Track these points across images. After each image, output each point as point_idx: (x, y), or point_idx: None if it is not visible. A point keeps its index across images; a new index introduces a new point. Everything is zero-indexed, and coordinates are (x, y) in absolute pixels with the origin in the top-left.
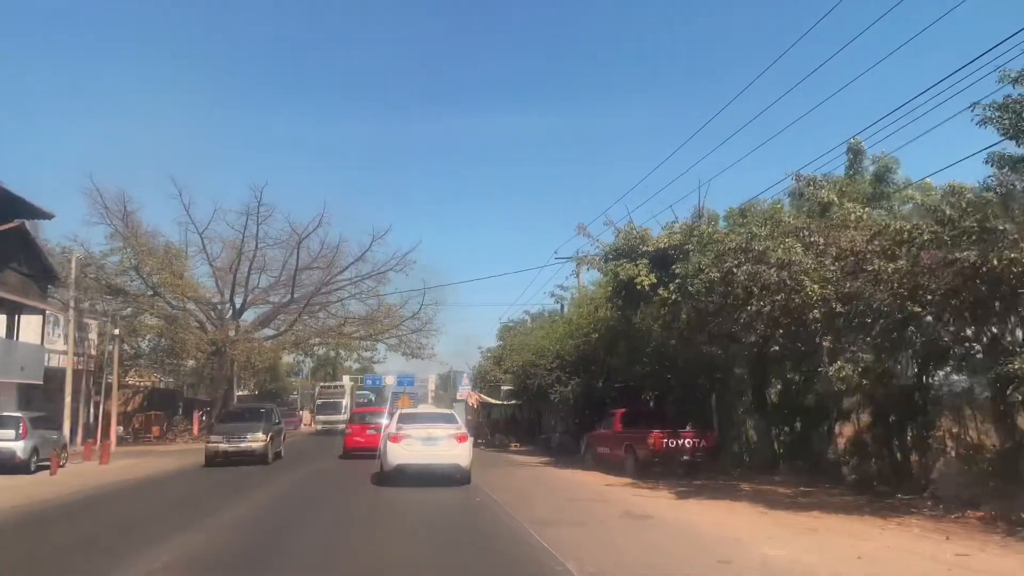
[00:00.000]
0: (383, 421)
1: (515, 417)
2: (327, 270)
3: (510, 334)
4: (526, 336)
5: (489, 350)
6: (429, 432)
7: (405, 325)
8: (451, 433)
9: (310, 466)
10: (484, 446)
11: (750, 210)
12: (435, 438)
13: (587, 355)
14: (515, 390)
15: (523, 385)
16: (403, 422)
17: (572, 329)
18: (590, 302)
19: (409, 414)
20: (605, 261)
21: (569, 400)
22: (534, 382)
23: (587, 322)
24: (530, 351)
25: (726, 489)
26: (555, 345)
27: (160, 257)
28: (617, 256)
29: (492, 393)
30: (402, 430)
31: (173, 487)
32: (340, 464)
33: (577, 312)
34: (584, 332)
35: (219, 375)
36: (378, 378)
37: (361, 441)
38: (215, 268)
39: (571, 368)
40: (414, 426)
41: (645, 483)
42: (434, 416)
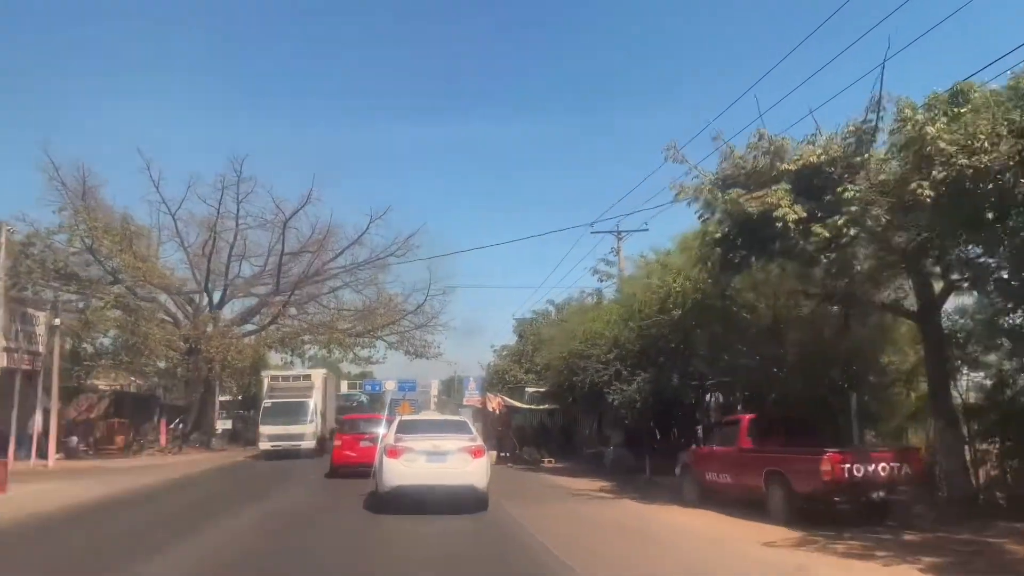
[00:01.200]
0: (380, 430)
1: (544, 425)
2: (317, 254)
3: (531, 328)
4: (563, 324)
5: (505, 347)
6: (436, 444)
7: (408, 320)
8: (463, 446)
9: (270, 501)
10: (510, 462)
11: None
12: (443, 452)
13: (656, 343)
14: (553, 391)
15: (567, 384)
16: (403, 432)
17: (632, 309)
18: (661, 271)
19: (411, 421)
20: (720, 189)
21: (635, 403)
22: (583, 379)
23: (656, 297)
24: (576, 339)
25: (995, 556)
26: (611, 330)
27: (117, 235)
28: (728, 186)
29: (512, 396)
30: (402, 442)
31: (52, 539)
32: (321, 491)
33: (642, 286)
34: (652, 311)
35: (194, 377)
36: (377, 383)
37: (352, 456)
38: (189, 254)
39: (633, 360)
40: (417, 437)
41: (819, 536)
42: (442, 424)
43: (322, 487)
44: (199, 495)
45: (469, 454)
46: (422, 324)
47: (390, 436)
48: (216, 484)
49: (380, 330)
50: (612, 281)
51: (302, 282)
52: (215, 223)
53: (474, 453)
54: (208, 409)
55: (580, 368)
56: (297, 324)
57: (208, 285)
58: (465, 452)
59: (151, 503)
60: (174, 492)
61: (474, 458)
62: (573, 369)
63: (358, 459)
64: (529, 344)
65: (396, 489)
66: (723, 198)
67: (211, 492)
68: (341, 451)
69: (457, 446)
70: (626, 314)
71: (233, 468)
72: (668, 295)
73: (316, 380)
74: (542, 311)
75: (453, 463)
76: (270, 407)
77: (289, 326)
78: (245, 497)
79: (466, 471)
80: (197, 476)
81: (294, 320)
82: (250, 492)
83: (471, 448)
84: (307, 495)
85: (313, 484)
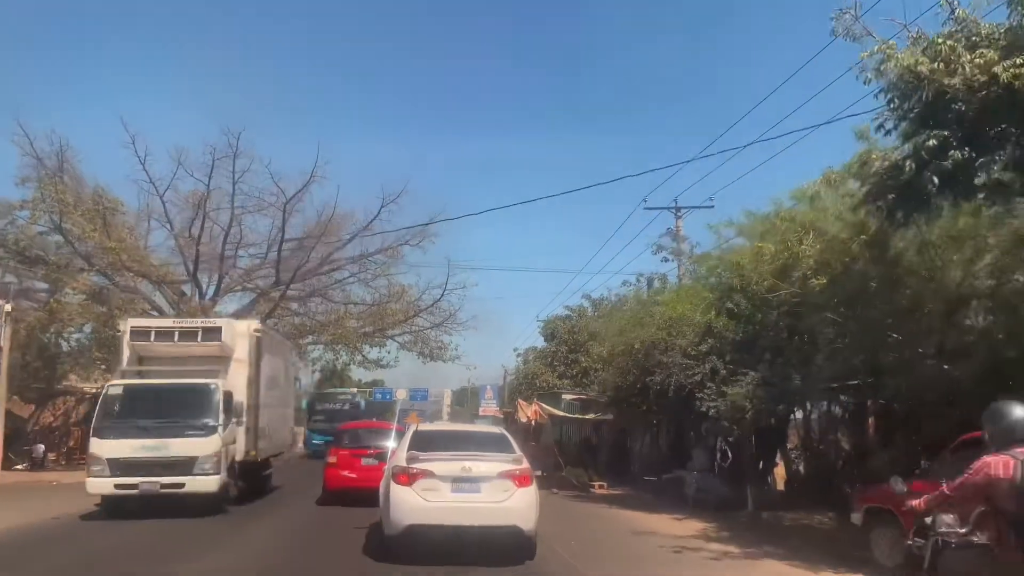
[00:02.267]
0: (388, 444)
1: (589, 441)
2: (320, 240)
3: (566, 324)
4: (624, 313)
5: (531, 350)
6: (466, 467)
7: (423, 319)
8: (504, 470)
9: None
10: (555, 487)
11: None
12: (476, 478)
13: (766, 331)
14: (613, 396)
15: (638, 386)
16: (419, 448)
17: (731, 287)
18: (783, 228)
19: (430, 434)
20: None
21: (744, 412)
22: (664, 379)
23: (772, 268)
24: (654, 325)
25: None
26: (704, 315)
27: (88, 208)
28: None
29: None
30: (418, 462)
31: None
32: (310, 524)
33: (749, 255)
34: (763, 288)
35: None
36: (388, 391)
37: (352, 477)
38: (177, 237)
39: (736, 354)
40: (439, 456)
41: None
42: (473, 438)
43: (309, 519)
44: (137, 527)
45: (511, 481)
46: (438, 323)
47: (401, 453)
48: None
49: (392, 328)
50: (678, 262)
51: (306, 274)
52: (204, 199)
53: (518, 480)
54: None
55: (659, 365)
56: (299, 321)
57: (198, 274)
58: (506, 479)
59: (70, 542)
60: (113, 524)
61: (518, 487)
62: (645, 367)
63: (358, 482)
64: (564, 345)
65: (409, 530)
66: (965, 60)
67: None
68: (336, 470)
69: (495, 470)
70: (721, 294)
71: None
72: (790, 263)
73: (234, 340)
74: (577, 307)
75: (489, 494)
76: (121, 399)
77: (289, 323)
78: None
79: (508, 506)
80: None
81: (296, 317)
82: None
83: (515, 473)
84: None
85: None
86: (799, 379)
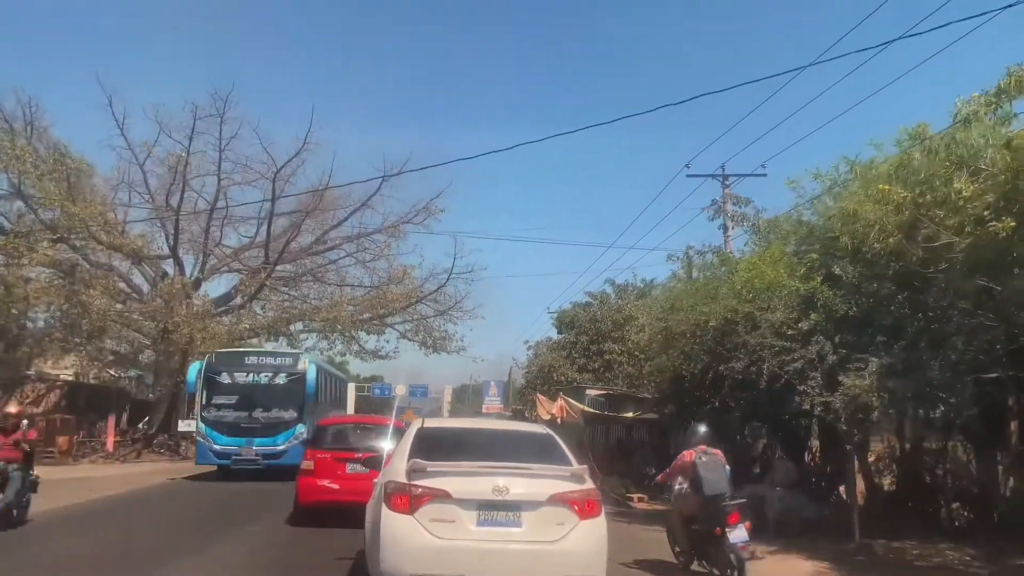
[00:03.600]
0: (384, 446)
1: (623, 444)
2: (313, 214)
3: (587, 313)
4: (696, 286)
5: (543, 342)
6: (499, 484)
7: (427, 306)
8: (558, 491)
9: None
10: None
11: None
12: (515, 504)
13: (882, 304)
14: (674, 390)
15: (707, 378)
16: (426, 454)
17: (847, 244)
18: (933, 159)
19: (438, 434)
20: None
21: (869, 410)
22: (749, 367)
23: (901, 221)
24: (734, 296)
25: None
26: (806, 282)
27: (49, 170)
28: None
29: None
30: (425, 478)
31: None
32: (275, 553)
33: (870, 201)
34: (890, 244)
35: (163, 366)
36: (387, 387)
37: (333, 489)
38: (154, 204)
39: (845, 335)
40: (456, 468)
41: None
42: (503, 439)
43: (275, 545)
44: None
45: (570, 509)
46: (443, 311)
47: (398, 463)
48: (120, 523)
49: (392, 316)
50: (746, 228)
51: (298, 253)
52: (185, 162)
53: (580, 507)
54: (180, 406)
55: (741, 347)
56: (288, 306)
57: (179, 250)
58: (562, 505)
59: None
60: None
61: (581, 518)
62: (717, 352)
63: (341, 495)
64: (584, 335)
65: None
66: None
67: (95, 544)
68: (313, 480)
69: (544, 491)
70: (824, 256)
71: (180, 490)
72: (932, 209)
73: None
74: (599, 293)
75: (536, 529)
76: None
77: (279, 306)
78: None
79: (565, 549)
80: (117, 501)
81: (286, 301)
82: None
83: (575, 496)
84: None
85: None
86: (937, 368)
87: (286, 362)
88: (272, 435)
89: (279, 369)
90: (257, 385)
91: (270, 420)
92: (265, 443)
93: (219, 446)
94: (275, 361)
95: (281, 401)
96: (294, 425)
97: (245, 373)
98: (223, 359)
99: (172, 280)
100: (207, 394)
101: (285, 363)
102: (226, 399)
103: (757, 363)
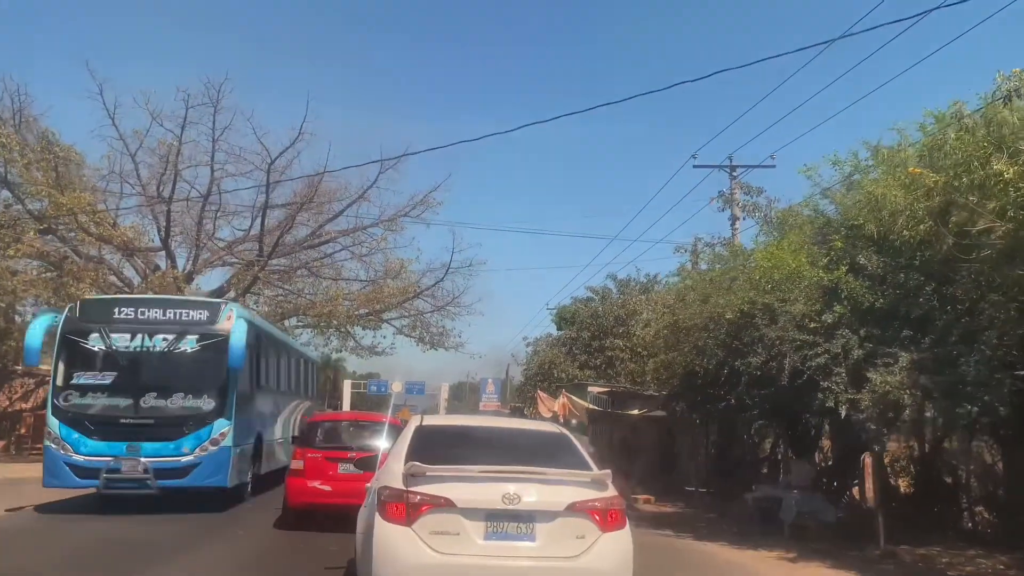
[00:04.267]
0: (380, 444)
1: (627, 444)
2: (309, 203)
3: (588, 309)
4: (710, 277)
5: (542, 338)
6: (509, 492)
7: (424, 301)
8: (577, 499)
9: None
10: None
11: None
12: (528, 514)
13: (909, 296)
14: (685, 386)
15: (722, 375)
16: (425, 455)
17: (864, 234)
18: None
19: (438, 432)
20: None
21: (901, 408)
22: (768, 362)
23: (932, 207)
24: (751, 287)
25: None
26: (830, 273)
27: (35, 158)
28: None
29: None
30: (425, 484)
31: None
32: (260, 561)
33: (902, 189)
34: (920, 232)
35: None
36: (384, 383)
37: (324, 490)
38: (145, 193)
39: (871, 329)
40: (461, 472)
41: None
42: (512, 438)
43: (260, 552)
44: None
45: (591, 520)
46: (440, 306)
47: (394, 465)
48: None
49: (389, 311)
50: (757, 218)
51: (293, 246)
52: (177, 150)
53: (603, 518)
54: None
55: (759, 341)
56: (282, 300)
57: (170, 242)
58: (582, 515)
59: None
60: None
61: (603, 530)
62: (733, 346)
63: (333, 496)
64: (586, 331)
65: None
66: None
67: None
68: (303, 481)
69: (562, 499)
70: (847, 246)
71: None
72: (971, 192)
73: None
74: (601, 287)
75: (553, 543)
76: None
77: (272, 300)
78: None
79: (588, 567)
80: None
81: (280, 296)
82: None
83: (596, 505)
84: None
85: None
86: (972, 364)
87: (196, 316)
88: (172, 437)
89: (185, 328)
90: (146, 354)
91: (168, 412)
92: (159, 450)
93: (81, 456)
94: (177, 314)
95: (187, 380)
96: (211, 421)
97: (128, 334)
98: (92, 310)
99: (163, 273)
100: (63, 369)
101: (194, 317)
102: (94, 378)
103: (777, 358)
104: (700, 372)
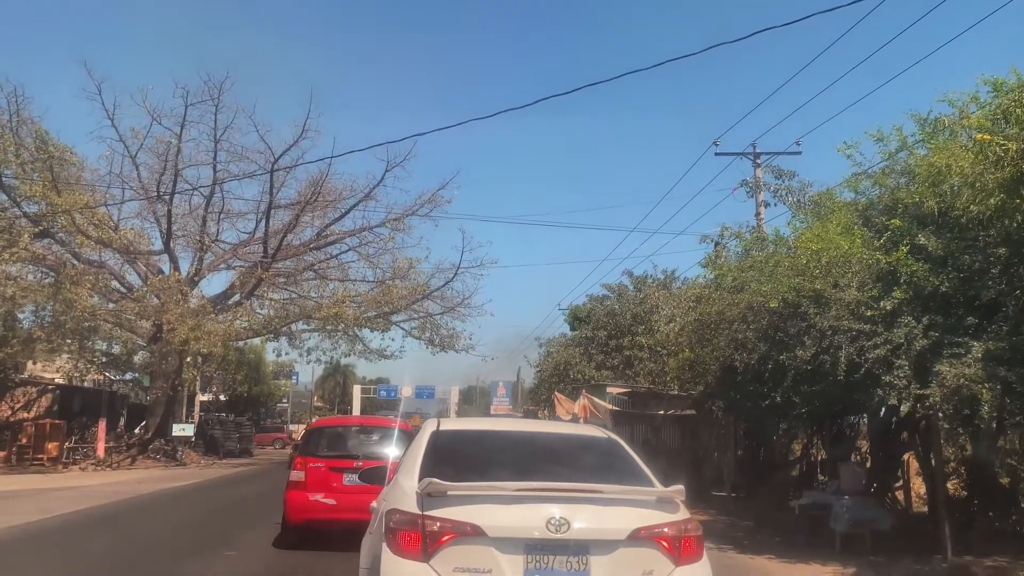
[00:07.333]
0: (389, 452)
1: (649, 444)
2: (313, 203)
3: (603, 307)
4: (751, 262)
5: (555, 339)
6: (554, 516)
7: (434, 302)
8: (643, 524)
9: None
10: None
11: None
12: (580, 544)
13: (975, 279)
14: (721, 383)
15: (768, 367)
16: (443, 469)
17: (923, 212)
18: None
19: (459, 439)
20: None
21: (979, 403)
22: (820, 355)
23: (1002, 178)
24: (796, 273)
25: None
26: (890, 254)
27: (30, 159)
28: None
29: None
30: (445, 506)
31: None
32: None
33: (970, 159)
34: (995, 204)
35: (158, 368)
36: (393, 388)
37: (328, 504)
38: (146, 193)
39: (934, 316)
40: (491, 490)
41: None
42: (548, 445)
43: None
44: None
45: (661, 549)
46: (450, 308)
47: (405, 481)
48: (76, 546)
49: (397, 313)
50: (789, 205)
51: (298, 248)
52: (177, 149)
53: (675, 547)
54: (174, 408)
55: (807, 332)
56: (288, 303)
57: (172, 245)
58: (650, 544)
59: None
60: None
61: (676, 563)
62: (777, 339)
63: (338, 512)
64: (602, 330)
65: None
66: None
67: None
68: (303, 494)
69: (624, 524)
70: (906, 224)
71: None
72: None
73: None
74: (617, 285)
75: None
76: None
77: (278, 303)
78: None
79: None
80: (84, 517)
81: (286, 299)
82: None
83: (665, 531)
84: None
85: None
86: None
87: None
88: None
89: None
90: None
91: None
92: None
93: None
94: None
95: None
96: None
97: None
98: None
99: (166, 276)
100: None
101: None
102: None
103: (829, 350)
104: (740, 368)
